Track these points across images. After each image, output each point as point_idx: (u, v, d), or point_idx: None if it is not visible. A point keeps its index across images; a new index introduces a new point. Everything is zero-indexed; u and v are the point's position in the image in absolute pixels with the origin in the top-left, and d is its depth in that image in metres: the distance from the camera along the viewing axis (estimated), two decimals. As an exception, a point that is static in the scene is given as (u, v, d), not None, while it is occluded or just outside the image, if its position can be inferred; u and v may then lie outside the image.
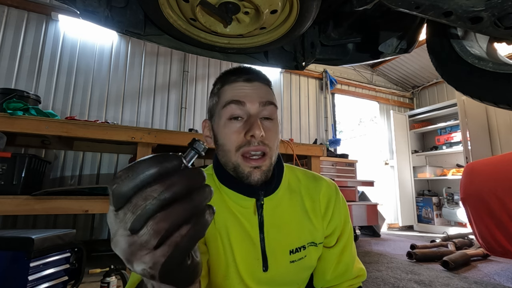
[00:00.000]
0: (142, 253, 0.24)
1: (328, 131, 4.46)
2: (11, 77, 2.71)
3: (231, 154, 0.59)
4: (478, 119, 3.71)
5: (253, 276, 0.61)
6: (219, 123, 0.61)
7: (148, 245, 0.23)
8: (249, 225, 0.62)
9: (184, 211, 0.24)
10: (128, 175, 0.24)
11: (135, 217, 0.23)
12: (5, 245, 1.23)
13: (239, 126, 0.59)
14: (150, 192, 0.23)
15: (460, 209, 3.77)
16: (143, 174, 0.24)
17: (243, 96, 0.59)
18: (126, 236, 0.24)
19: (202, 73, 3.71)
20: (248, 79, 0.61)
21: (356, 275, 0.70)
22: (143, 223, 0.23)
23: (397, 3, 0.68)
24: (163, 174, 0.24)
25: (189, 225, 0.24)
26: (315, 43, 1.23)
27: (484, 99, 0.85)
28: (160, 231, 0.23)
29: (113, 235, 0.25)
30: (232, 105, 0.59)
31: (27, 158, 1.81)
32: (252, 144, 0.57)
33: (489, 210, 1.72)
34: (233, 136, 0.58)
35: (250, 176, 0.58)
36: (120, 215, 0.24)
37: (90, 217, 2.82)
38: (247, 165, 0.58)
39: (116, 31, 1.19)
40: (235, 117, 0.59)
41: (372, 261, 2.45)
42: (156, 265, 0.24)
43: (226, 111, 0.59)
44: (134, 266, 0.24)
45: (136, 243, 0.24)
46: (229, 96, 0.60)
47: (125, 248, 0.24)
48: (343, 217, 0.71)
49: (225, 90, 0.62)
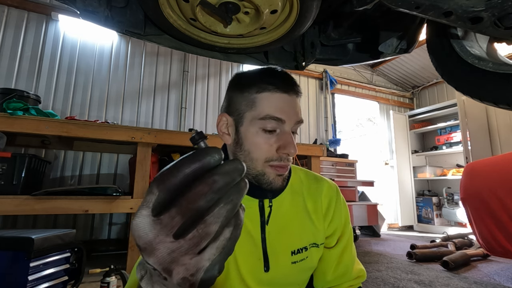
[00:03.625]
0: (186, 259, 0.22)
1: (328, 131, 4.46)
2: (11, 77, 2.71)
3: (257, 163, 0.58)
4: (478, 119, 3.71)
5: (254, 277, 0.61)
6: (250, 129, 0.59)
7: (195, 249, 0.22)
8: (251, 225, 0.62)
9: (230, 212, 0.23)
10: (173, 175, 0.23)
11: (183, 221, 0.22)
12: (5, 245, 1.23)
13: (272, 140, 0.58)
14: (199, 193, 0.22)
15: (460, 209, 3.77)
16: (190, 173, 0.23)
17: (283, 112, 0.58)
18: (168, 243, 0.22)
19: (202, 73, 3.71)
20: (288, 91, 0.59)
21: (356, 275, 0.70)
22: (193, 226, 0.22)
23: (397, 3, 0.67)
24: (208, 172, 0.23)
25: (231, 227, 0.24)
26: (315, 43, 1.23)
27: (484, 99, 0.85)
28: (210, 235, 0.22)
29: (148, 244, 0.23)
30: (271, 120, 0.57)
31: (27, 158, 1.81)
32: (283, 160, 0.58)
33: (489, 210, 1.72)
34: (264, 148, 0.58)
35: (274, 182, 0.59)
36: (165, 219, 0.22)
37: (90, 217, 2.82)
38: (273, 173, 0.59)
39: (116, 31, 1.19)
40: (269, 130, 0.58)
41: (372, 261, 2.45)
42: (199, 271, 0.23)
43: (263, 123, 0.57)
44: (173, 275, 0.23)
45: (181, 249, 0.22)
46: (269, 109, 0.57)
47: (165, 257, 0.22)
48: (343, 218, 0.71)
49: (263, 99, 0.58)
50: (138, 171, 1.92)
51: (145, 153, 1.95)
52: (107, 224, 2.89)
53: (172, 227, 0.22)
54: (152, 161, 2.05)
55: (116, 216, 2.93)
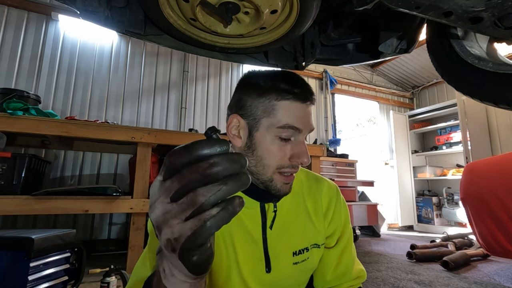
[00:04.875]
0: (174, 222, 0.26)
1: (328, 131, 4.46)
2: (11, 77, 2.71)
3: (268, 170, 0.58)
4: (478, 119, 3.71)
5: (255, 277, 0.61)
6: (266, 136, 0.58)
7: (181, 215, 0.26)
8: (252, 226, 0.62)
9: (221, 192, 0.26)
10: (183, 152, 0.27)
11: (179, 186, 0.26)
12: (5, 245, 1.23)
13: (287, 148, 0.58)
14: (197, 168, 0.25)
15: (460, 209, 3.77)
16: (196, 153, 0.26)
17: (301, 122, 0.58)
18: (165, 204, 0.27)
19: (202, 73, 3.71)
20: (305, 100, 0.59)
21: (356, 276, 0.70)
22: (185, 193, 0.26)
23: (397, 3, 0.67)
24: (212, 155, 0.26)
25: (218, 208, 0.26)
26: (315, 43, 1.23)
27: (484, 99, 0.85)
28: (196, 204, 0.25)
29: (152, 202, 0.28)
30: (290, 130, 0.57)
31: (27, 158, 1.81)
32: (294, 168, 0.59)
33: (489, 210, 1.72)
34: (278, 155, 0.58)
35: (282, 190, 0.59)
36: (167, 183, 0.27)
37: (90, 217, 2.82)
38: (282, 181, 0.59)
39: (116, 31, 1.19)
40: (285, 138, 0.58)
41: (372, 261, 2.45)
42: (182, 237, 0.26)
43: (281, 131, 0.57)
44: (161, 234, 0.27)
45: (172, 211, 0.26)
46: (288, 119, 0.57)
47: (160, 215, 0.27)
48: (343, 218, 0.71)
49: (283, 107, 0.58)
50: (138, 171, 1.92)
51: (145, 153, 1.95)
52: (107, 224, 2.89)
53: (170, 191, 0.26)
54: (152, 161, 2.05)
55: (116, 216, 2.93)
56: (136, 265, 0.56)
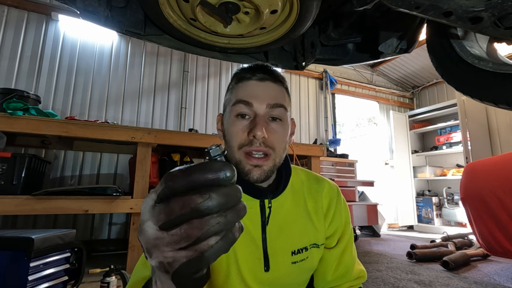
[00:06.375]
0: (166, 249, 0.24)
1: (328, 131, 4.46)
2: (11, 77, 2.71)
3: (234, 151, 0.59)
4: (478, 119, 3.70)
5: (254, 276, 0.61)
6: (228, 120, 0.62)
7: (174, 245, 0.24)
8: (252, 225, 0.62)
9: (218, 225, 0.24)
10: (180, 177, 0.24)
11: (169, 219, 0.24)
12: (5, 245, 1.23)
13: (245, 125, 0.59)
14: (190, 201, 0.23)
15: (460, 209, 3.78)
16: (195, 180, 0.24)
17: (252, 96, 0.59)
18: (154, 230, 0.25)
19: (202, 73, 3.71)
20: (261, 79, 0.61)
21: (357, 276, 0.70)
22: (178, 224, 0.24)
23: (397, 3, 0.67)
24: (211, 184, 0.24)
25: (218, 237, 0.24)
26: (315, 43, 1.23)
27: (484, 99, 0.85)
28: (192, 237, 0.24)
29: (142, 222, 0.26)
30: (240, 104, 0.59)
31: (27, 158, 1.81)
32: (254, 144, 0.57)
33: (489, 210, 1.72)
34: (237, 134, 0.59)
35: (250, 173, 0.58)
36: (158, 208, 0.25)
37: (90, 217, 2.82)
38: (248, 163, 0.58)
39: (116, 31, 1.20)
40: (242, 115, 0.60)
41: (372, 261, 2.45)
42: (175, 263, 0.24)
43: (235, 109, 0.60)
44: (152, 257, 0.25)
45: (163, 240, 0.24)
46: (240, 95, 0.61)
47: (150, 240, 0.25)
48: (344, 218, 0.71)
49: (238, 88, 0.62)
50: (138, 171, 1.92)
51: (145, 153, 1.95)
52: (107, 224, 2.89)
53: (160, 220, 0.24)
54: (152, 161, 2.05)
55: (116, 216, 2.93)
56: (137, 265, 0.56)
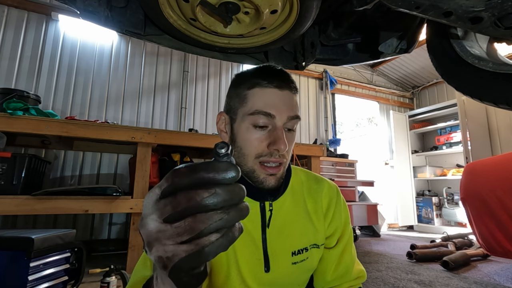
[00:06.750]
0: (168, 242, 0.25)
1: (328, 131, 4.46)
2: (11, 77, 2.71)
3: (248, 159, 0.58)
4: (478, 119, 3.70)
5: (255, 277, 0.61)
6: (242, 126, 0.59)
7: (177, 238, 0.25)
8: (252, 225, 0.62)
9: (221, 221, 0.25)
10: (187, 173, 0.25)
11: (175, 211, 0.24)
12: (5, 245, 1.23)
13: (263, 135, 0.58)
14: (196, 196, 0.24)
15: (460, 209, 3.77)
16: (201, 177, 0.25)
17: (273, 107, 0.57)
18: (158, 223, 0.25)
19: (202, 73, 3.71)
20: (280, 86, 0.59)
21: (356, 276, 0.70)
22: (182, 217, 0.25)
23: (397, 3, 0.67)
24: (217, 182, 0.25)
25: (219, 234, 0.25)
26: (315, 43, 1.23)
27: (484, 99, 0.85)
28: (195, 231, 0.24)
29: (144, 216, 0.26)
30: (260, 115, 0.57)
31: (27, 158, 1.81)
32: (273, 156, 0.57)
33: (489, 210, 1.72)
34: (254, 143, 0.58)
35: (265, 182, 0.58)
36: (163, 202, 0.25)
37: (90, 217, 2.82)
38: (263, 172, 0.58)
39: (116, 31, 1.20)
40: (261, 126, 0.58)
41: (372, 261, 2.45)
42: (175, 257, 0.24)
43: (253, 118, 0.57)
44: (152, 251, 0.26)
45: (166, 232, 0.25)
46: (259, 104, 0.57)
47: (152, 233, 0.25)
48: (343, 218, 0.71)
49: (254, 94, 0.59)
50: (138, 171, 1.92)
51: (145, 153, 1.95)
52: (107, 224, 2.89)
53: (165, 212, 0.25)
54: (152, 161, 2.05)
55: (116, 216, 2.93)
56: (137, 265, 0.56)
